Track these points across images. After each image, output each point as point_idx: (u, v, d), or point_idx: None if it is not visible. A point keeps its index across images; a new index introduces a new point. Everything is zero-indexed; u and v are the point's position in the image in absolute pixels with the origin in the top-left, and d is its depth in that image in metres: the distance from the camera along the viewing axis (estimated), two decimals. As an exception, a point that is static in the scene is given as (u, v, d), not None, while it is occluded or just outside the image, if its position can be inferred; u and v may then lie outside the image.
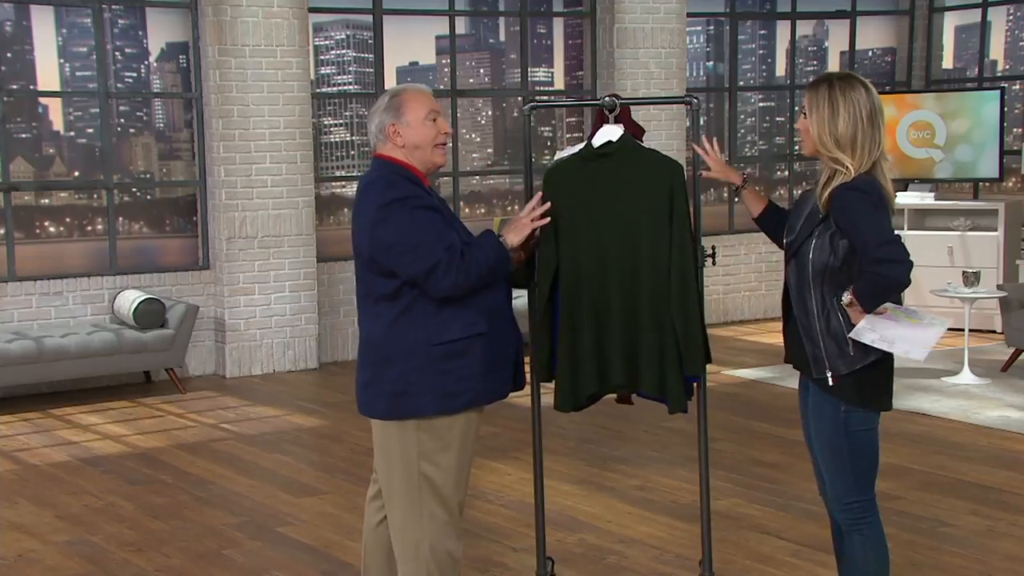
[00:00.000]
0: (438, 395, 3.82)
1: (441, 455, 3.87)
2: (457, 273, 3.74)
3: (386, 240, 3.75)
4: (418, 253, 3.73)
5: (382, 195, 3.79)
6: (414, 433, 3.85)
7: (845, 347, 3.81)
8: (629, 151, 4.04)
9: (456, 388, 3.83)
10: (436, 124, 3.90)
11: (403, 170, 3.87)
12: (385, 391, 3.85)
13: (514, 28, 11.00)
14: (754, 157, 12.27)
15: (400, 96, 3.90)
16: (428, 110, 3.89)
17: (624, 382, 4.08)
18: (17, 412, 8.29)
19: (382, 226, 3.76)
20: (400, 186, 3.81)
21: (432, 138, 3.89)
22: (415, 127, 3.87)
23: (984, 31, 12.10)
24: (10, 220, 8.93)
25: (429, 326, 3.80)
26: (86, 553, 5.48)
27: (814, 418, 3.95)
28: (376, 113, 3.91)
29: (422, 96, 3.91)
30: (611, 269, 4.03)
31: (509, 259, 3.90)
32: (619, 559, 5.26)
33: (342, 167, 10.39)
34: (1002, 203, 10.75)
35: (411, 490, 3.88)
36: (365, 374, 3.93)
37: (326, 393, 8.86)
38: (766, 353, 9.82)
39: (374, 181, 3.86)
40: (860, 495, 3.91)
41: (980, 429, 7.41)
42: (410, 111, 3.87)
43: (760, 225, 4.23)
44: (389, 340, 3.83)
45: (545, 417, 4.33)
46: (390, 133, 3.87)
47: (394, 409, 3.85)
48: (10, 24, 9.18)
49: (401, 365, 3.82)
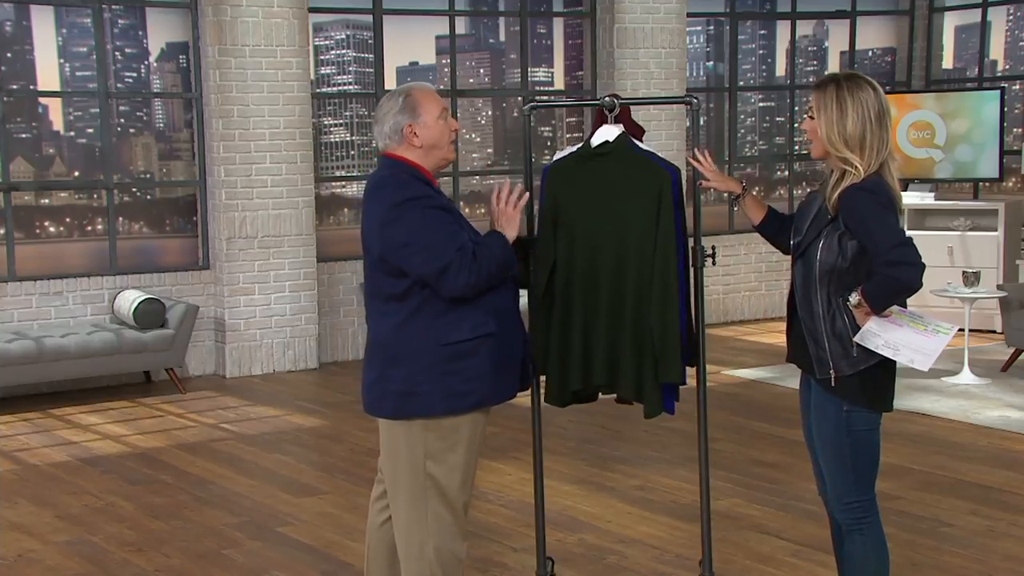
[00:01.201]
0: (446, 395, 3.80)
1: (447, 455, 3.85)
2: (469, 273, 3.73)
3: (398, 239, 3.74)
4: (430, 253, 3.72)
5: (395, 194, 3.78)
6: (421, 433, 3.84)
7: (849, 348, 3.80)
8: (625, 151, 4.04)
9: (464, 388, 3.81)
10: (448, 122, 3.91)
11: (414, 170, 3.86)
12: (392, 391, 3.84)
13: (514, 28, 11.00)
14: (754, 157, 12.27)
15: (413, 96, 3.87)
16: (441, 108, 3.89)
17: (606, 381, 4.09)
18: (17, 412, 8.29)
19: (394, 225, 3.75)
20: (413, 186, 3.80)
21: (448, 136, 3.90)
22: (432, 126, 3.86)
23: (984, 31, 12.10)
24: (10, 220, 8.93)
25: (438, 326, 3.79)
26: (86, 553, 5.48)
27: (816, 417, 3.95)
28: (390, 115, 3.87)
29: (433, 94, 3.91)
30: (602, 268, 4.05)
31: (515, 258, 3.90)
32: (619, 559, 5.26)
33: (342, 167, 10.39)
34: (1002, 203, 10.75)
35: (417, 490, 3.86)
36: (372, 373, 3.91)
37: (326, 393, 8.86)
38: (766, 353, 9.82)
39: (385, 180, 3.85)
40: (860, 495, 3.91)
41: (980, 429, 7.41)
42: (425, 111, 3.85)
43: (762, 233, 4.22)
44: (397, 340, 3.82)
45: (545, 417, 4.34)
46: (407, 134, 3.85)
47: (401, 409, 3.84)
48: (10, 24, 9.18)
49: (409, 365, 3.80)
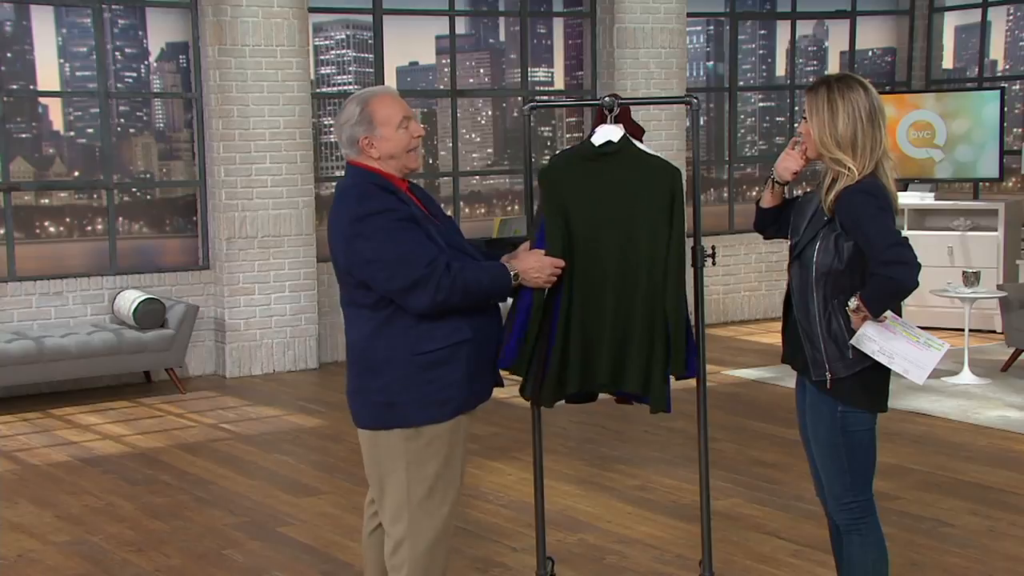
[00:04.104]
0: (424, 405, 3.75)
1: (431, 462, 3.80)
2: (437, 290, 3.63)
3: (363, 256, 3.65)
4: (395, 269, 3.62)
5: (356, 208, 3.68)
6: (401, 443, 3.78)
7: (845, 350, 3.81)
8: (630, 152, 4.04)
9: (442, 396, 3.76)
10: (409, 130, 3.78)
11: (377, 178, 3.75)
12: (372, 401, 3.79)
13: (514, 28, 11.00)
14: (754, 157, 12.27)
15: (370, 106, 3.74)
16: (400, 117, 3.76)
17: (608, 381, 4.08)
18: (17, 412, 8.29)
19: (358, 241, 3.65)
20: (375, 198, 3.69)
21: (406, 145, 3.77)
22: (388, 138, 3.75)
23: (984, 31, 12.10)
24: (10, 220, 8.93)
25: (410, 335, 3.71)
26: (86, 553, 5.48)
27: (811, 419, 3.95)
28: (347, 125, 3.76)
29: (392, 102, 3.78)
30: (607, 269, 4.03)
31: (507, 292, 3.79)
32: (619, 559, 5.26)
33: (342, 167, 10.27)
34: (1002, 203, 10.75)
35: (401, 497, 3.81)
36: (352, 383, 3.87)
37: (326, 393, 8.86)
38: (766, 353, 9.82)
39: (347, 192, 3.75)
40: (858, 495, 3.91)
41: (980, 429, 7.41)
42: (382, 122, 3.74)
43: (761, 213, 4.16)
44: (373, 349, 3.76)
45: (545, 417, 4.33)
46: (363, 146, 3.76)
47: (381, 419, 3.79)
48: (10, 24, 9.18)
49: (386, 375, 3.74)
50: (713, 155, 11.88)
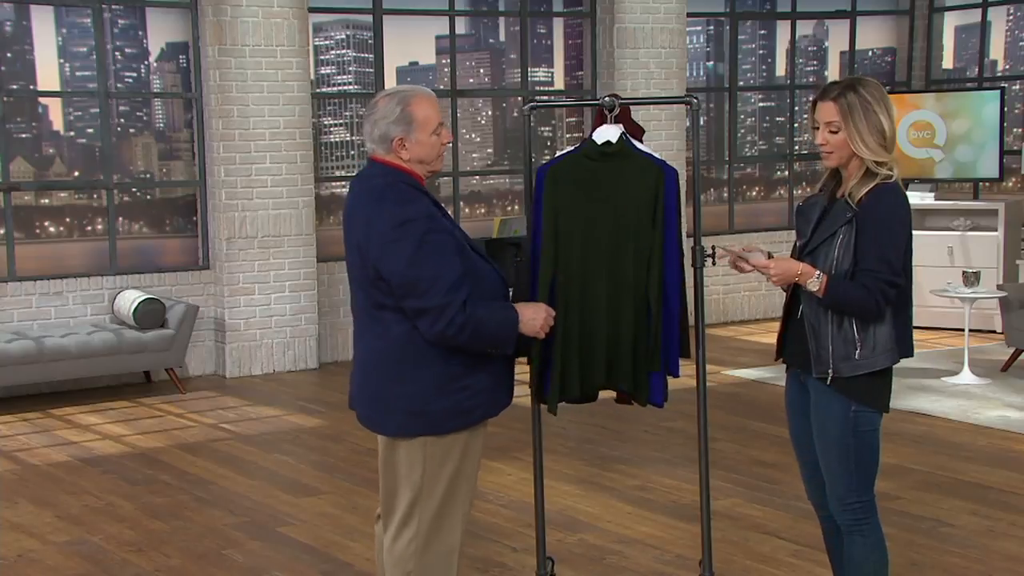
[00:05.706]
0: (455, 412, 3.68)
1: (447, 467, 3.73)
2: (448, 326, 3.54)
3: (394, 263, 3.56)
4: (415, 289, 3.55)
5: (398, 211, 3.58)
6: (421, 449, 3.71)
7: (852, 352, 3.80)
8: (626, 152, 4.04)
9: (471, 404, 3.70)
10: (440, 136, 3.73)
11: (409, 177, 3.68)
12: (398, 408, 3.68)
13: (514, 28, 11.00)
14: (754, 157, 12.27)
15: (411, 107, 3.66)
16: (437, 123, 3.71)
17: (604, 380, 4.08)
18: (17, 412, 8.29)
19: (394, 246, 3.56)
20: (416, 202, 3.61)
21: (437, 152, 3.74)
22: (422, 142, 3.68)
23: (984, 31, 12.10)
24: (10, 220, 8.93)
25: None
26: (86, 553, 5.48)
27: (819, 418, 3.94)
28: (383, 121, 3.67)
29: (432, 105, 3.71)
30: (602, 269, 4.04)
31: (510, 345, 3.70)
32: (619, 559, 5.26)
33: (342, 167, 10.39)
34: (1002, 203, 10.75)
35: (416, 502, 3.75)
36: (370, 389, 3.75)
37: (326, 393, 8.86)
38: (766, 353, 9.81)
39: (383, 192, 3.64)
40: (861, 496, 3.91)
41: (980, 429, 7.41)
42: (420, 127, 3.66)
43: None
44: (401, 353, 3.65)
45: (545, 417, 4.33)
46: (396, 146, 3.68)
47: (407, 427, 3.70)
48: (10, 24, 9.18)
49: (419, 382, 3.64)
50: (713, 155, 11.88)
